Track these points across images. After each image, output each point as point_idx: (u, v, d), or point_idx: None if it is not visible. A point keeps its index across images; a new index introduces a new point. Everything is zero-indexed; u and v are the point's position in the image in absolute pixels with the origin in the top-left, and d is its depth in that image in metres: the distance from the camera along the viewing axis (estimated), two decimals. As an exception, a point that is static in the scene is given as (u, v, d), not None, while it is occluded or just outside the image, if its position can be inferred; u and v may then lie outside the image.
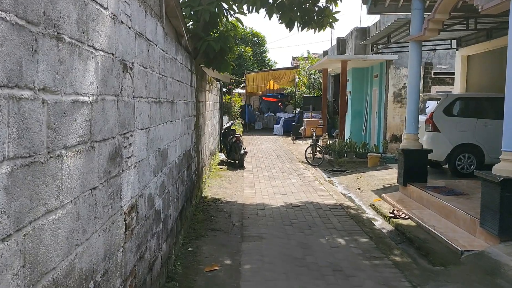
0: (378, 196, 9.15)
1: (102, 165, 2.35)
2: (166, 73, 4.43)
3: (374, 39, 11.55)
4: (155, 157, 3.86)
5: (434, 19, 7.68)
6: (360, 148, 14.77)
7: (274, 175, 11.60)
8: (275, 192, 9.47)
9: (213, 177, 10.98)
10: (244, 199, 8.73)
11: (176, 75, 5.18)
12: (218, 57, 9.38)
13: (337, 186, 10.71)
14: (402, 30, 10.22)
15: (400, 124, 15.06)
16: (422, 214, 7.29)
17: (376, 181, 10.66)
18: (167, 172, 4.52)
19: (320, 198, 8.84)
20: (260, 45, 34.69)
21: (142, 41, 3.28)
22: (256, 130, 28.10)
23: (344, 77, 15.13)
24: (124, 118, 2.79)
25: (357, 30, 17.97)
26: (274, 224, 6.96)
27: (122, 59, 2.73)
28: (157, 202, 3.97)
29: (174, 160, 5.07)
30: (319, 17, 9.88)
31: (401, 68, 14.90)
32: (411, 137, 8.77)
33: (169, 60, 4.59)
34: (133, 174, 3.03)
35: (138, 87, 3.18)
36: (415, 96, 8.72)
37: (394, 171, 11.63)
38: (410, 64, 8.72)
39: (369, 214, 7.92)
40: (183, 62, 5.82)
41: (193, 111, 7.24)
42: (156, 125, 3.88)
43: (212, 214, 7.48)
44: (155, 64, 3.80)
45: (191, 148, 6.92)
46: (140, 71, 3.22)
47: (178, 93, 5.33)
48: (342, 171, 12.76)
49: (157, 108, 3.95)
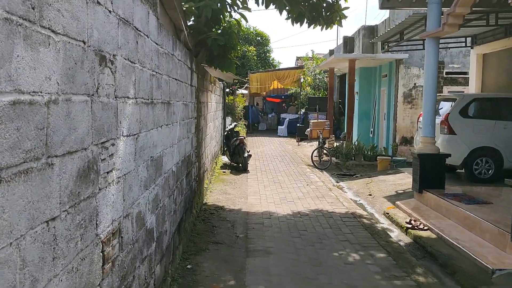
0: (391, 203, 8.56)
1: (66, 186, 1.78)
2: (161, 70, 3.87)
3: (385, 37, 10.96)
4: (146, 167, 3.30)
5: (455, 13, 7.10)
6: (368, 151, 14.18)
7: (279, 180, 11.03)
8: (281, 198, 8.89)
9: (216, 182, 10.42)
10: (248, 206, 8.17)
11: (174, 72, 4.62)
12: (221, 55, 8.85)
13: (347, 191, 10.12)
14: (415, 26, 9.64)
15: (410, 126, 14.46)
16: (442, 225, 6.70)
17: (388, 186, 10.07)
18: (161, 183, 3.96)
19: (330, 206, 8.26)
20: (264, 44, 34.10)
21: (128, 30, 2.72)
22: (260, 131, 27.54)
23: (352, 76, 14.54)
24: (102, 124, 2.23)
25: (364, 29, 17.38)
26: (282, 235, 6.39)
27: (98, 50, 2.17)
28: (149, 219, 3.41)
29: (171, 169, 4.51)
30: (327, 13, 9.32)
31: (411, 67, 14.30)
32: (427, 140, 8.18)
33: (164, 55, 4.03)
34: (115, 192, 2.47)
35: (123, 85, 2.62)
36: (432, 96, 8.13)
37: (406, 175, 11.04)
38: (427, 62, 8.13)
39: (384, 224, 7.34)
40: (181, 59, 5.26)
41: (193, 113, 6.68)
42: (147, 130, 3.32)
43: (214, 224, 6.91)
44: (146, 59, 3.24)
45: (191, 153, 6.36)
46: (125, 65, 2.66)
47: (175, 93, 4.78)
48: (351, 175, 12.17)
49: (149, 110, 3.39)
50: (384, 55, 14.16)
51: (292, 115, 26.65)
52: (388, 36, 10.81)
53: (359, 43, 17.79)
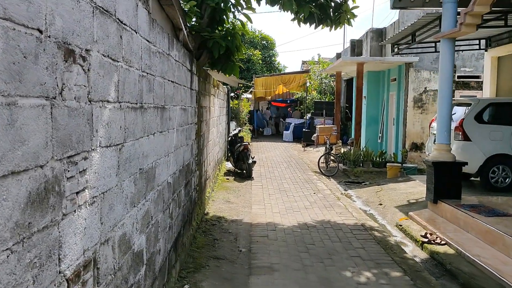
0: (403, 214, 8.09)
1: (8, 218, 1.36)
2: (153, 70, 3.46)
3: (395, 39, 10.51)
4: (133, 181, 2.88)
5: (473, 13, 6.65)
6: (377, 157, 13.71)
7: (285, 187, 10.58)
8: (287, 208, 8.44)
9: (218, 190, 9.99)
10: (252, 217, 7.72)
11: (169, 74, 4.20)
12: (223, 58, 8.45)
13: (356, 200, 9.65)
14: (428, 28, 9.19)
15: (421, 131, 13.97)
16: (461, 239, 6.22)
17: (399, 195, 9.58)
18: (154, 197, 3.53)
19: (339, 216, 7.80)
20: (269, 48, 33.71)
21: (108, 21, 2.31)
22: (265, 136, 27.10)
23: (360, 80, 14.08)
24: (69, 134, 1.81)
25: (372, 31, 16.93)
26: (288, 250, 5.94)
27: (63, 42, 1.75)
28: (137, 241, 2.98)
29: (166, 180, 4.08)
30: (335, 13, 8.91)
31: (421, 71, 13.82)
32: (442, 147, 7.71)
33: (158, 54, 3.61)
34: (89, 215, 2.05)
35: (101, 87, 2.21)
36: (447, 101, 7.67)
37: (417, 183, 10.56)
38: (442, 64, 7.68)
39: (397, 237, 6.87)
40: (180, 60, 4.85)
41: (193, 118, 6.27)
42: (135, 138, 2.90)
43: (216, 236, 6.47)
44: (133, 57, 2.83)
45: (190, 161, 5.94)
46: (104, 63, 2.25)
47: (172, 97, 4.36)
48: (359, 183, 11.70)
49: (138, 116, 2.97)
50: (393, 58, 13.70)
51: (297, 120, 26.20)
52: (399, 38, 10.36)
53: (367, 46, 17.34)
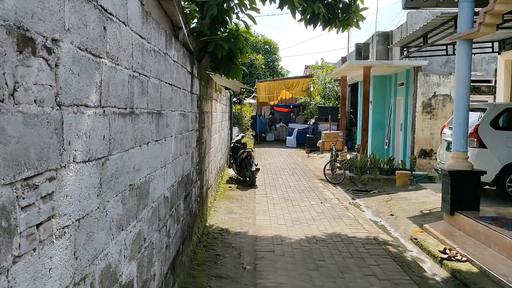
0: (417, 225, 7.62)
1: None
2: (147, 71, 3.02)
3: (405, 41, 10.07)
4: (121, 200, 2.43)
5: (493, 11, 6.21)
6: (385, 164, 13.24)
7: (290, 196, 10.12)
8: (293, 219, 7.97)
9: (221, 199, 9.53)
10: (256, 229, 7.26)
11: (167, 76, 3.77)
12: (226, 61, 8.03)
13: (365, 210, 9.18)
14: (441, 29, 8.75)
15: (430, 137, 13.50)
16: (483, 255, 5.74)
17: (411, 205, 9.11)
18: (148, 216, 3.08)
19: (349, 229, 7.33)
20: (272, 53, 33.33)
21: (86, 7, 1.87)
22: (268, 142, 26.65)
23: (367, 84, 13.64)
24: (25, 148, 1.37)
25: (379, 35, 16.51)
26: (296, 267, 5.48)
27: (16, 27, 1.31)
28: (126, 270, 2.52)
29: (163, 194, 3.63)
30: (343, 14, 8.49)
31: (431, 75, 13.38)
32: (459, 155, 7.24)
33: (152, 53, 3.18)
34: (56, 252, 1.60)
35: (75, 88, 1.77)
36: (464, 106, 7.22)
37: (429, 192, 10.09)
38: (458, 67, 7.23)
39: (413, 252, 6.39)
40: (179, 60, 4.42)
41: (194, 124, 5.83)
42: (123, 150, 2.45)
43: (218, 251, 6.01)
44: (121, 54, 2.39)
45: (191, 171, 5.49)
46: (80, 58, 1.81)
47: (170, 101, 3.92)
48: (367, 191, 11.23)
49: (127, 123, 2.53)
50: (401, 62, 13.26)
51: (301, 125, 25.76)
52: (409, 41, 9.92)
53: (373, 50, 16.92)
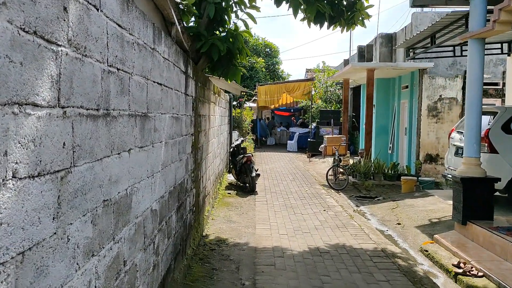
0: (427, 235, 7.18)
1: None
2: (129, 66, 2.61)
3: (411, 42, 9.66)
4: (92, 220, 2.01)
5: (509, 8, 5.80)
6: (389, 170, 12.82)
7: (292, 204, 9.68)
8: (295, 228, 7.54)
9: (219, 207, 9.11)
10: (256, 239, 6.83)
11: (155, 74, 3.36)
12: (224, 62, 7.63)
13: (370, 219, 8.74)
14: (450, 29, 8.35)
15: (436, 141, 13.09)
16: (501, 270, 5.31)
17: (418, 213, 8.67)
18: (130, 234, 2.66)
19: (354, 239, 6.89)
20: (272, 56, 32.95)
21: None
22: (268, 146, 26.24)
23: (371, 87, 13.23)
24: None
25: (382, 37, 16.12)
26: (299, 284, 5.04)
27: None
28: (98, 303, 2.10)
29: (150, 208, 3.21)
30: (348, 12, 8.09)
31: (436, 77, 12.97)
32: (471, 161, 6.82)
33: (136, 47, 2.77)
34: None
35: (14, 80, 1.36)
36: (477, 109, 6.80)
37: (437, 199, 9.66)
38: (470, 68, 6.82)
39: (424, 266, 5.95)
40: (170, 58, 4.01)
41: (189, 128, 5.41)
42: (94, 159, 2.04)
43: (214, 265, 5.58)
44: (91, 43, 1.98)
45: (185, 178, 5.07)
46: (23, 43, 1.40)
47: (159, 103, 3.51)
48: (372, 198, 10.79)
49: (100, 127, 2.11)
50: (406, 64, 12.86)
51: (302, 129, 25.35)
52: (415, 41, 9.51)
53: (376, 52, 16.54)
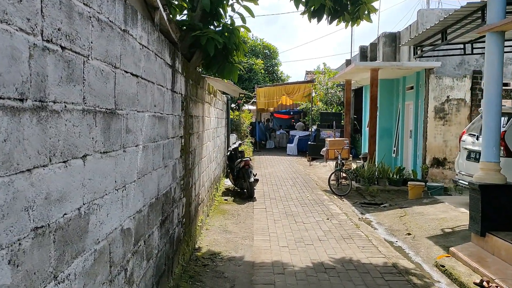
0: (441, 248, 6.56)
1: None
2: (82, 46, 1.99)
3: (420, 38, 9.05)
4: (11, 259, 1.39)
5: (536, -5, 5.21)
6: (394, 174, 12.20)
7: (292, 211, 9.05)
8: (296, 240, 6.91)
9: (215, 214, 8.48)
10: (254, 252, 6.20)
11: (128, 62, 2.74)
12: (219, 58, 7.03)
13: (377, 228, 8.12)
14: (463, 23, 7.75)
15: (443, 145, 12.47)
16: (531, 291, 4.69)
17: (429, 222, 8.05)
18: (86, 266, 2.03)
19: (362, 252, 6.26)
20: (271, 57, 32.35)
21: None
22: (268, 150, 25.61)
23: (375, 88, 12.62)
24: None
25: (385, 36, 15.54)
26: (302, 307, 4.42)
27: None
28: None
29: (120, 227, 2.59)
30: (353, 5, 7.50)
31: (443, 77, 12.37)
32: (490, 166, 6.20)
33: (96, 23, 2.15)
34: None
35: None
36: (496, 109, 6.19)
37: (447, 207, 9.04)
38: (488, 64, 6.22)
39: (441, 284, 5.32)
40: (151, 46, 3.40)
41: (178, 130, 4.80)
42: (13, 171, 1.42)
43: (206, 284, 4.95)
44: (10, 3, 1.36)
45: (172, 187, 4.45)
46: None
47: (134, 98, 2.89)
48: (377, 204, 10.17)
49: (23, 126, 1.50)
50: (412, 63, 12.26)
51: (302, 132, 24.74)
52: (424, 38, 8.91)
53: (379, 52, 15.95)
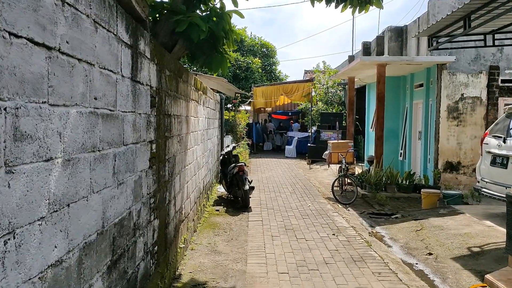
0: (472, 273, 5.45)
1: None
2: None
3: (437, 28, 7.92)
4: None
5: None
6: (403, 180, 11.10)
7: (293, 225, 7.92)
8: (298, 263, 5.78)
9: (204, 229, 7.35)
10: (247, 282, 5.06)
11: (24, 23, 1.62)
12: (206, 48, 5.95)
13: (391, 245, 6.99)
14: (491, 7, 6.65)
15: (457, 147, 11.38)
16: None
17: (451, 238, 6.93)
18: None
19: (378, 281, 5.12)
20: (269, 56, 31.23)
21: None
22: (265, 152, 24.49)
23: (382, 85, 11.50)
24: None
25: (391, 30, 14.46)
26: None
27: None
28: None
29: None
30: (363, -13, 6.39)
31: (457, 73, 11.27)
32: (535, 176, 5.11)
33: None
34: None
35: None
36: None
37: (469, 219, 7.92)
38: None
39: (483, 327, 4.21)
40: (88, 11, 2.28)
41: (146, 133, 3.67)
42: None
43: (184, 331, 3.82)
44: None
45: (132, 211, 3.32)
46: None
47: (40, 82, 1.77)
48: (388, 215, 9.06)
49: None
50: (424, 58, 11.16)
51: (301, 133, 23.63)
52: (443, 26, 7.78)
53: (385, 47, 14.86)
